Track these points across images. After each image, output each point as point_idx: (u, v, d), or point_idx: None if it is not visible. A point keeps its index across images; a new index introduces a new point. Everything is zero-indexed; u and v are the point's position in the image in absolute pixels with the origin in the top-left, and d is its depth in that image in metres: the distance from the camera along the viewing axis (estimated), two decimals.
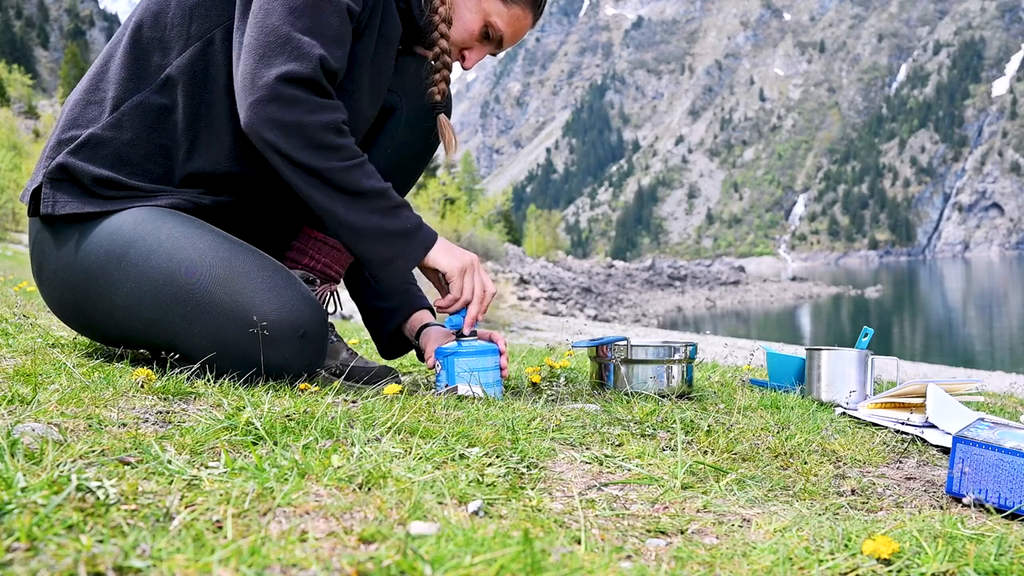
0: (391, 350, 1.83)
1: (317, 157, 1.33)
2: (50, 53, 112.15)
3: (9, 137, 27.39)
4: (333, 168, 1.34)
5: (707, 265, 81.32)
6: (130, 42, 1.48)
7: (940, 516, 0.94)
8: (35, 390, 1.12)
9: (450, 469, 0.94)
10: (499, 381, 1.58)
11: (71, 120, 1.49)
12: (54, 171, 1.45)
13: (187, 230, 1.41)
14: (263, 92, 1.30)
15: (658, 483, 1.01)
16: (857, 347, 1.90)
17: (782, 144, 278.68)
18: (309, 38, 1.33)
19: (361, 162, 1.38)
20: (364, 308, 1.84)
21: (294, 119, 1.31)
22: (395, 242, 1.41)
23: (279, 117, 1.31)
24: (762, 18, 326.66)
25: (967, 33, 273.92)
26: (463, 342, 1.56)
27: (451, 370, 1.54)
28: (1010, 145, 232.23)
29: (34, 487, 0.69)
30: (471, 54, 1.64)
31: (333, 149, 1.34)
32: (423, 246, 1.45)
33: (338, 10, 1.37)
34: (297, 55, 1.31)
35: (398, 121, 1.64)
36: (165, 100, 1.45)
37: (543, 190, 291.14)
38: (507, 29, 1.61)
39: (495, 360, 1.57)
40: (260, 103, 1.31)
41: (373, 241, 1.40)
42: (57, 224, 1.47)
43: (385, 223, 1.40)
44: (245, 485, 0.77)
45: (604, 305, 29.23)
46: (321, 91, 1.34)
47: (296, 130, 1.31)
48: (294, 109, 1.31)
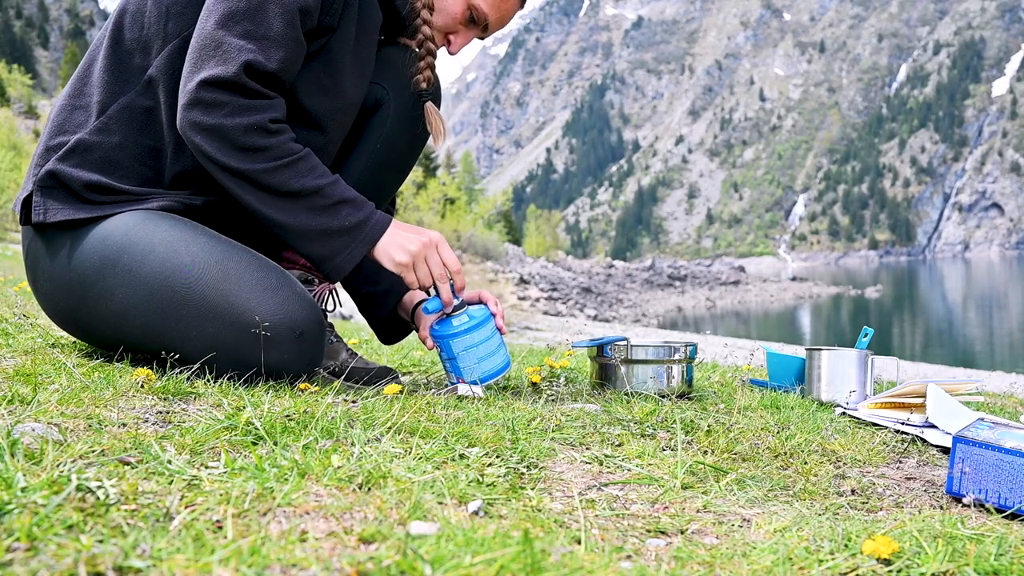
0: (390, 334, 1.83)
1: (241, 159, 1.34)
2: (50, 53, 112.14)
3: (9, 137, 27.40)
4: (258, 170, 1.35)
5: (707, 265, 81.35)
6: (111, 44, 1.48)
7: (940, 516, 0.94)
8: (35, 390, 1.12)
9: (450, 469, 0.94)
10: (502, 344, 1.58)
11: (58, 126, 1.49)
12: (44, 178, 1.45)
13: (180, 233, 1.41)
14: (187, 97, 1.33)
15: (658, 483, 1.01)
16: (857, 347, 1.90)
17: (782, 144, 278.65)
18: (242, 41, 1.33)
19: (291, 161, 1.37)
20: (356, 296, 1.84)
21: (214, 122, 1.32)
22: (331, 240, 1.40)
23: (201, 121, 1.33)
24: (762, 18, 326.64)
25: (967, 33, 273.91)
26: (454, 318, 1.56)
27: (449, 350, 1.55)
28: (1010, 145, 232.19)
29: (34, 487, 0.69)
30: (456, 39, 1.63)
31: (258, 150, 1.34)
32: (366, 242, 1.44)
33: (284, 12, 1.36)
34: (223, 59, 1.32)
35: (386, 113, 1.63)
36: (150, 101, 1.46)
37: (543, 190, 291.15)
38: (492, 12, 1.60)
39: (491, 327, 1.57)
40: (185, 108, 1.34)
41: (308, 240, 1.40)
42: (49, 231, 1.47)
43: (318, 221, 1.39)
44: (245, 485, 0.77)
45: (604, 305, 29.23)
46: (246, 92, 1.34)
47: (217, 133, 1.33)
48: (214, 112, 1.32)
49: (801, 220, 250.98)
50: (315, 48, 1.46)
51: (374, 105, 1.63)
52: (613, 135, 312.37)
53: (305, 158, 1.39)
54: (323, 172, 1.40)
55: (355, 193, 1.44)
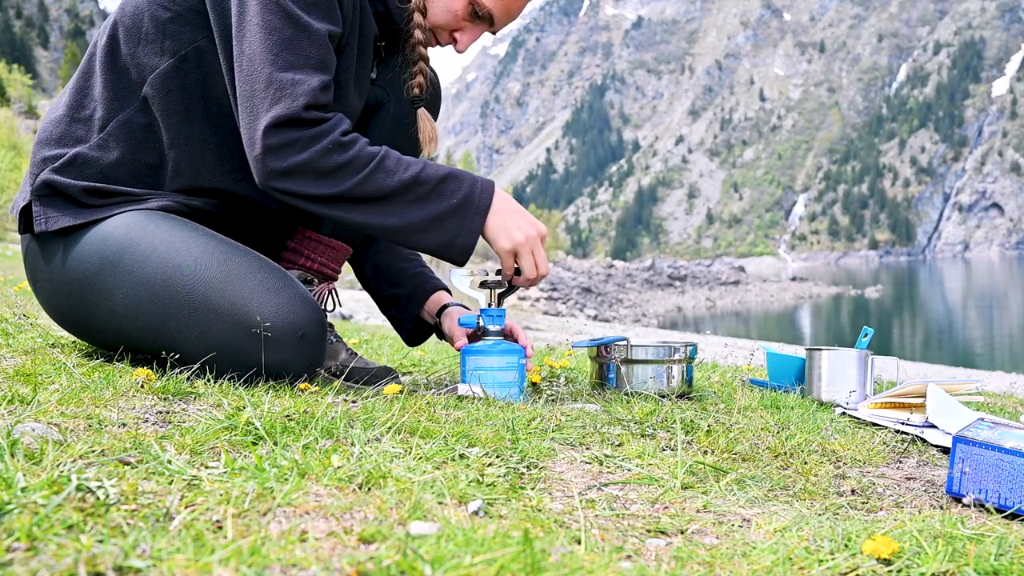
0: (415, 337, 1.87)
1: (330, 185, 1.32)
2: (50, 53, 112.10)
3: (9, 137, 27.39)
4: (351, 186, 1.33)
5: (707, 265, 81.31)
6: (108, 58, 1.47)
7: (940, 516, 0.94)
8: (35, 390, 1.12)
9: (450, 469, 0.94)
10: (518, 384, 1.54)
11: (57, 138, 1.48)
12: (41, 188, 1.45)
13: (181, 233, 1.41)
14: (259, 149, 1.31)
15: (658, 483, 1.01)
16: (857, 347, 1.90)
17: (782, 144, 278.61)
18: (291, 74, 1.31)
19: (378, 163, 1.34)
20: (377, 296, 1.86)
21: (294, 162, 1.30)
22: (445, 222, 1.38)
23: (278, 167, 1.31)
24: (762, 18, 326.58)
25: (967, 33, 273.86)
26: (487, 339, 1.56)
27: (464, 364, 1.54)
28: (1010, 145, 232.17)
29: (34, 487, 0.69)
30: (463, 36, 1.58)
31: (343, 168, 1.32)
32: (480, 212, 1.40)
33: (317, 39, 1.34)
34: (279, 96, 1.30)
35: (386, 114, 1.65)
36: (147, 119, 1.45)
37: (543, 190, 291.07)
38: (495, 5, 1.54)
39: (515, 361, 1.54)
40: (259, 160, 1.31)
41: (425, 232, 1.37)
42: (48, 235, 1.47)
43: (428, 210, 1.36)
44: (245, 485, 0.77)
45: (604, 305, 29.22)
46: (311, 122, 1.31)
47: (300, 171, 1.31)
48: (287, 152, 1.30)
49: (801, 220, 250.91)
50: None
51: (376, 104, 1.65)
52: (613, 135, 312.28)
53: (387, 155, 1.36)
54: (409, 161, 1.38)
55: (447, 167, 1.41)
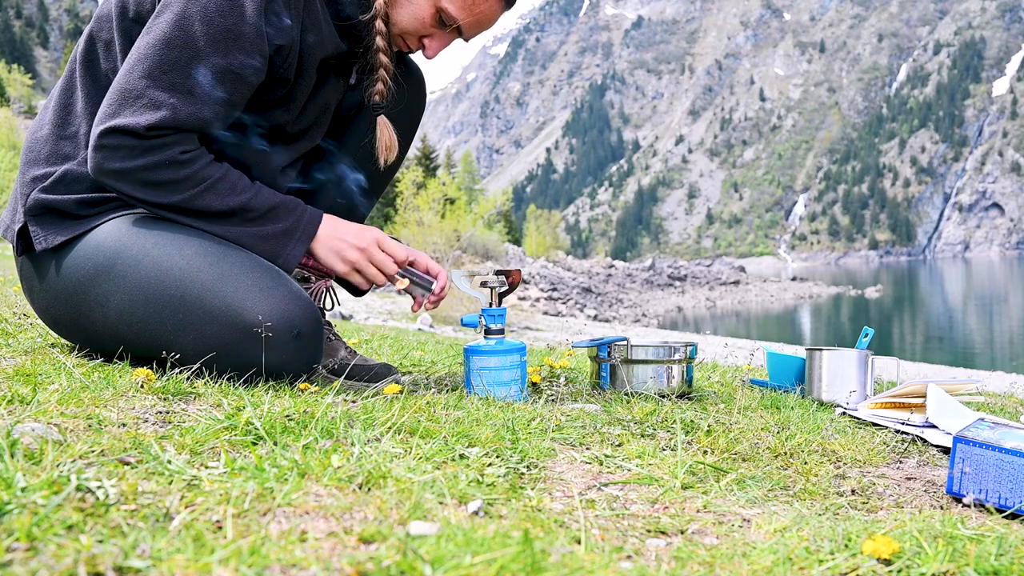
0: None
1: (158, 195, 1.38)
2: (50, 53, 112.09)
3: (9, 137, 27.37)
4: (181, 200, 1.39)
5: (707, 265, 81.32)
6: (88, 74, 1.48)
7: (940, 516, 0.94)
8: (35, 390, 1.12)
9: (450, 469, 0.94)
10: (520, 382, 1.56)
11: (45, 157, 1.48)
12: (34, 208, 1.46)
13: (173, 235, 1.41)
14: (94, 143, 1.35)
15: (658, 483, 1.01)
16: (857, 347, 1.90)
17: (782, 144, 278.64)
18: (164, 95, 1.33)
19: (209, 185, 1.39)
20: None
21: (122, 167, 1.35)
22: (270, 242, 1.46)
23: (109, 166, 1.36)
24: (762, 18, 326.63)
25: (967, 33, 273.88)
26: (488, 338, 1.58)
27: (468, 363, 1.56)
28: (1010, 145, 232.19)
29: (34, 487, 0.69)
30: (432, 42, 1.57)
31: (174, 183, 1.37)
32: (304, 239, 1.48)
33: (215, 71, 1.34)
34: (138, 109, 1.32)
35: (362, 119, 1.71)
36: None
37: (543, 190, 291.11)
38: (462, 15, 1.51)
39: (516, 361, 1.56)
40: (93, 152, 1.36)
41: (250, 246, 1.45)
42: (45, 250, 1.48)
43: (255, 230, 1.45)
44: (245, 485, 0.77)
45: (604, 305, 29.22)
46: (150, 139, 1.33)
47: (127, 175, 1.36)
48: (119, 154, 1.34)
49: (801, 220, 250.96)
50: (274, 96, 1.48)
51: (358, 107, 1.69)
52: (613, 135, 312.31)
53: (223, 178, 1.41)
54: (244, 186, 1.43)
55: (281, 197, 1.47)
